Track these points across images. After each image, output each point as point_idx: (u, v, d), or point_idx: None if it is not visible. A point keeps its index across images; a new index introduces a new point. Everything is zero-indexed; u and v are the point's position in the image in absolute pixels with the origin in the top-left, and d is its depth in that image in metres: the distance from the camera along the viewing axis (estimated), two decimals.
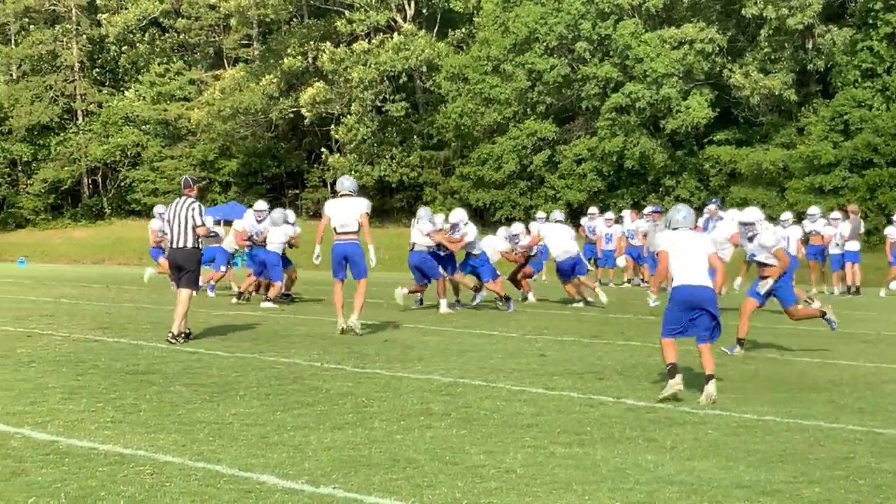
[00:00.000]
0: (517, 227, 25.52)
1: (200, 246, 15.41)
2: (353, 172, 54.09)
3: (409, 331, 17.20)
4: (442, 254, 21.66)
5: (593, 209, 34.33)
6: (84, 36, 68.65)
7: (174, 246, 15.12)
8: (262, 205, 23.73)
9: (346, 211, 16.57)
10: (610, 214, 33.15)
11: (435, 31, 56.98)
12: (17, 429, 8.48)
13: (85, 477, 7.01)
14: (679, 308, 10.81)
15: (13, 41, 70.02)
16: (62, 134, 67.61)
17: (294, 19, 62.94)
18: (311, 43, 57.13)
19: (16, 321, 17.57)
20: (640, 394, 10.80)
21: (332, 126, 56.67)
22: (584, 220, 33.94)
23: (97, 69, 70.74)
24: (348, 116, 54.83)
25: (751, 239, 14.80)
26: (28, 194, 67.50)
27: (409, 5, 57.28)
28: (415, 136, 56.27)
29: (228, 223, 28.37)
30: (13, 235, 64.81)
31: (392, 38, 54.05)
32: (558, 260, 22.96)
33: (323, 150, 58.01)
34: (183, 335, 14.81)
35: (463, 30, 55.70)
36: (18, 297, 24.02)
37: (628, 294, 27.88)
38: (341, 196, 16.86)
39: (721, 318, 10.89)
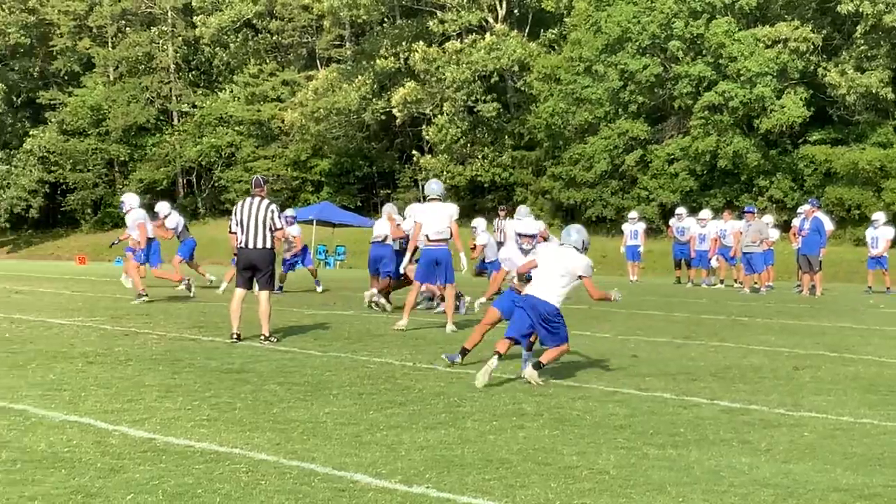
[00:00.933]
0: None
1: (274, 247, 15.38)
2: (444, 173, 54.27)
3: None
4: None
5: (681, 210, 33.95)
6: (179, 38, 69.55)
7: (251, 246, 14.93)
8: (393, 208, 23.09)
9: (439, 217, 16.90)
10: (704, 213, 32.82)
11: (526, 31, 56.99)
12: (115, 426, 8.59)
13: (182, 474, 7.09)
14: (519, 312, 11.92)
15: (110, 43, 71.14)
16: (158, 135, 68.55)
17: (386, 20, 63.18)
18: (403, 43, 57.32)
19: (113, 320, 17.82)
20: (734, 395, 10.71)
21: (424, 126, 56.82)
22: (672, 221, 33.72)
23: (192, 71, 71.64)
24: (440, 116, 54.95)
25: (525, 252, 13.23)
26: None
27: (501, 5, 57.31)
28: (506, 136, 56.24)
29: (322, 223, 27.78)
30: (110, 235, 65.73)
31: (484, 38, 54.10)
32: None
33: (414, 151, 58.17)
34: (270, 337, 14.79)
35: (554, 30, 55.63)
36: (115, 295, 24.36)
37: (722, 295, 27.63)
38: (430, 200, 17.09)
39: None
